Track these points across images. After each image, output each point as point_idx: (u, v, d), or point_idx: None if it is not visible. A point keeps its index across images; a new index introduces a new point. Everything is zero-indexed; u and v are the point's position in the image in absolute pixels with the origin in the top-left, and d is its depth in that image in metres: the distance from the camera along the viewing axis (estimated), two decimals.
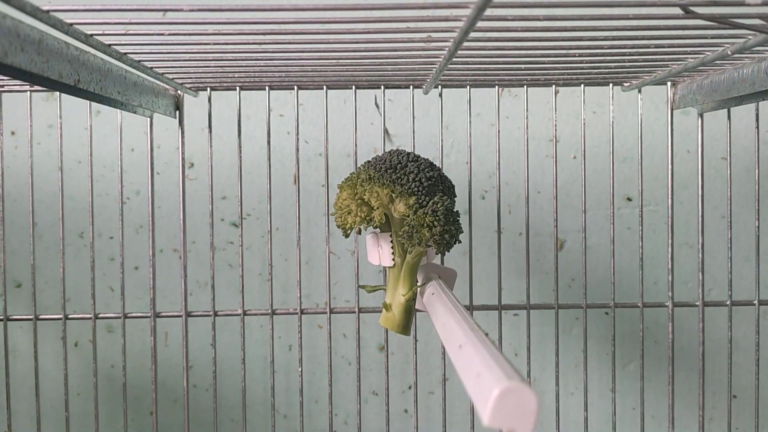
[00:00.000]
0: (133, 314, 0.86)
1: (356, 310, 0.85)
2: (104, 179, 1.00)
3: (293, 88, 0.82)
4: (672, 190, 0.84)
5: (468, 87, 0.83)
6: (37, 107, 0.97)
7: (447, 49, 0.60)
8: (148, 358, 0.95)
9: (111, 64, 0.60)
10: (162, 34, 0.56)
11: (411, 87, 0.83)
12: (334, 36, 0.57)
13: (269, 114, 0.83)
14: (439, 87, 0.83)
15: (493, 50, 0.64)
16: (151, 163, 0.83)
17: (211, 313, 0.84)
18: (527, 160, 0.84)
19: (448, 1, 0.47)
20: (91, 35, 0.54)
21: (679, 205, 1.01)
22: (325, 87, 0.82)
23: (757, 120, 0.80)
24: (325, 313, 0.85)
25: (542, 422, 0.96)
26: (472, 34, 0.53)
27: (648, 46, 0.62)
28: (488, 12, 0.45)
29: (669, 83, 0.83)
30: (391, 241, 0.68)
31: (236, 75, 0.76)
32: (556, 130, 0.84)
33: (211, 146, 0.84)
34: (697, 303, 0.85)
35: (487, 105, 1.00)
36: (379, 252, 0.69)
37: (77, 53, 0.52)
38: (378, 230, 0.70)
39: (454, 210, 0.64)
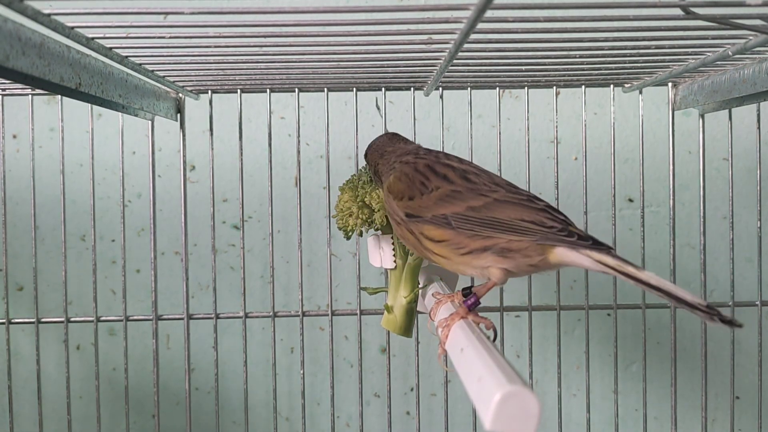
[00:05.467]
0: (135, 317, 0.86)
1: (358, 312, 0.85)
2: (106, 182, 1.00)
3: (294, 91, 0.82)
4: (673, 191, 0.84)
5: (469, 89, 0.83)
6: (39, 110, 0.97)
7: (447, 50, 0.60)
8: (150, 360, 0.95)
9: (112, 68, 0.60)
10: (163, 37, 0.56)
11: (412, 89, 0.83)
12: (335, 38, 0.57)
13: (270, 116, 0.83)
14: (440, 89, 0.83)
15: (493, 52, 0.64)
16: (153, 166, 0.83)
17: (212, 315, 0.84)
18: (528, 161, 0.84)
19: (448, 3, 0.47)
20: (92, 38, 0.54)
21: (680, 205, 1.01)
22: (326, 89, 0.82)
23: (759, 120, 0.80)
24: (327, 315, 0.85)
25: (545, 424, 0.96)
26: (473, 36, 0.53)
27: (649, 47, 0.62)
28: (488, 13, 0.45)
29: (670, 84, 0.83)
30: (393, 243, 0.68)
31: (237, 77, 0.76)
32: (557, 131, 0.84)
33: (212, 149, 0.84)
34: None
35: (488, 106, 1.00)
36: (381, 254, 0.69)
37: (78, 56, 0.52)
38: (379, 232, 0.70)
39: None
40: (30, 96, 0.82)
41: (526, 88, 0.83)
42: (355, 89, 0.82)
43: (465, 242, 0.54)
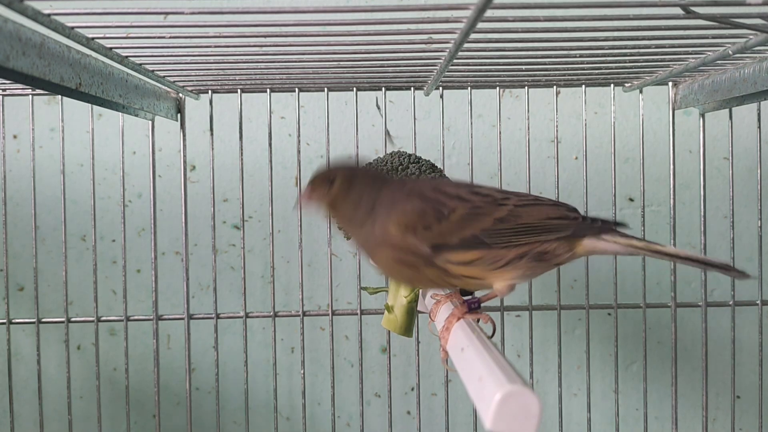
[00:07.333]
0: (136, 317, 0.86)
1: (358, 312, 0.85)
2: (106, 182, 1.00)
3: (294, 90, 0.82)
4: (674, 191, 0.84)
5: (469, 88, 0.83)
6: (39, 111, 0.97)
7: (447, 50, 0.60)
8: (151, 361, 0.95)
9: (112, 68, 0.60)
10: (163, 37, 0.56)
11: (412, 88, 0.83)
12: (335, 38, 0.57)
13: (270, 116, 0.83)
14: (440, 88, 0.83)
15: (493, 51, 0.64)
16: (153, 166, 0.83)
17: (213, 315, 0.84)
18: (529, 161, 0.84)
19: (448, 3, 0.47)
20: (93, 39, 0.54)
21: (681, 205, 1.01)
22: (326, 89, 0.82)
23: (759, 120, 0.80)
24: (327, 315, 0.85)
25: (545, 424, 0.96)
26: (473, 36, 0.53)
27: (649, 47, 0.62)
28: (488, 13, 0.45)
29: (670, 83, 0.83)
30: None
31: (237, 77, 0.76)
32: (557, 130, 0.84)
33: (212, 149, 0.84)
34: (699, 303, 0.85)
35: (488, 106, 1.00)
36: None
37: (78, 57, 0.52)
38: None
39: None
40: (30, 96, 0.82)
41: (526, 87, 0.83)
42: (355, 89, 0.82)
43: (501, 255, 0.52)
